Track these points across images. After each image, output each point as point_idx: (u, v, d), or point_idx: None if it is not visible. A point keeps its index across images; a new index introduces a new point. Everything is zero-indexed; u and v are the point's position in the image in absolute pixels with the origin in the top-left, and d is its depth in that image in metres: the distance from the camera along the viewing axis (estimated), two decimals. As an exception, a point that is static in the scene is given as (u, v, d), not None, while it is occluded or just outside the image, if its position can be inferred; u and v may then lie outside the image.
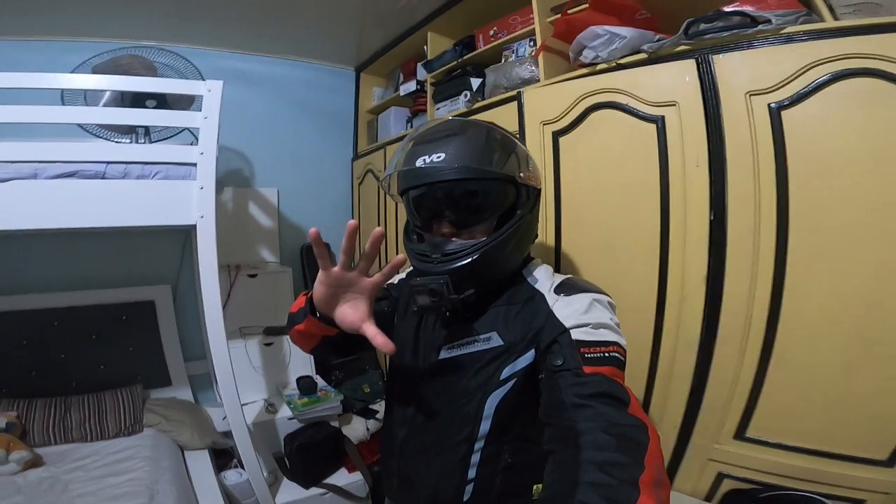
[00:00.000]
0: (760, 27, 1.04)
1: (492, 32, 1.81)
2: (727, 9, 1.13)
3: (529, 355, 0.73)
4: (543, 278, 0.81)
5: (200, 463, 1.81)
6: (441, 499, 0.79)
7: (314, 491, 1.78)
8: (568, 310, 0.72)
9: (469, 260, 0.73)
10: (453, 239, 0.77)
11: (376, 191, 2.41)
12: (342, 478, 1.86)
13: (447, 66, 1.96)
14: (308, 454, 1.77)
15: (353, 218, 2.73)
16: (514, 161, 0.78)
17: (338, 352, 0.87)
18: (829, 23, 1.00)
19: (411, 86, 2.22)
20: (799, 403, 1.05)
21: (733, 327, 1.08)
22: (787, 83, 0.97)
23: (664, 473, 0.54)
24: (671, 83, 1.12)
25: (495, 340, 0.76)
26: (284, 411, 1.96)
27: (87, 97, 1.51)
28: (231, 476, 1.87)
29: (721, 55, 1.06)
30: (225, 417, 2.05)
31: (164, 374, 2.16)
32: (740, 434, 1.13)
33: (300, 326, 0.80)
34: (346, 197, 2.77)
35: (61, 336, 1.96)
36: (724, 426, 1.13)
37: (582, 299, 0.72)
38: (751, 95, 1.01)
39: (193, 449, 1.86)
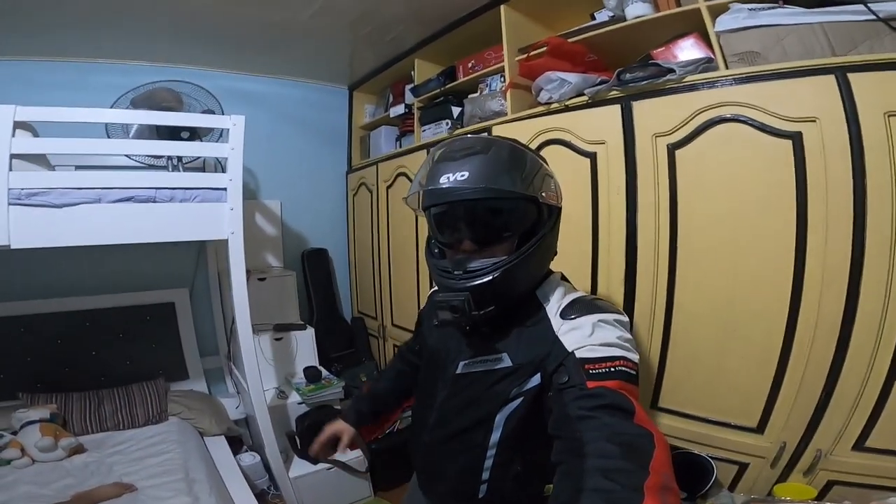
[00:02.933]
0: (668, 77, 1.31)
1: (470, 65, 2.05)
2: (654, 60, 1.39)
3: (536, 378, 0.76)
4: (554, 300, 0.82)
5: (219, 447, 2.04)
6: (461, 491, 0.86)
7: (321, 466, 2.04)
8: (573, 335, 0.73)
9: (490, 278, 0.74)
10: (475, 257, 0.78)
11: (369, 202, 2.66)
12: (344, 454, 2.10)
13: (431, 93, 2.21)
14: (317, 432, 2.02)
15: (346, 227, 3.01)
16: (537, 180, 0.79)
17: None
18: (718, 72, 1.25)
19: (400, 108, 2.48)
20: (688, 377, 1.34)
21: (643, 318, 1.39)
22: (681, 127, 1.27)
23: (673, 481, 0.54)
24: (602, 125, 1.41)
25: (505, 361, 0.79)
26: (294, 397, 2.22)
27: (125, 128, 1.77)
28: (245, 458, 2.12)
29: (638, 102, 1.34)
30: (238, 406, 2.33)
31: (182, 369, 2.41)
32: (654, 404, 1.41)
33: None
34: (341, 208, 3.02)
35: (92, 335, 2.18)
36: (643, 398, 1.40)
37: (586, 323, 0.73)
38: (656, 137, 1.31)
39: (212, 435, 2.09)
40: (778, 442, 1.20)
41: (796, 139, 1.12)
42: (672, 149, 1.29)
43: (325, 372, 2.38)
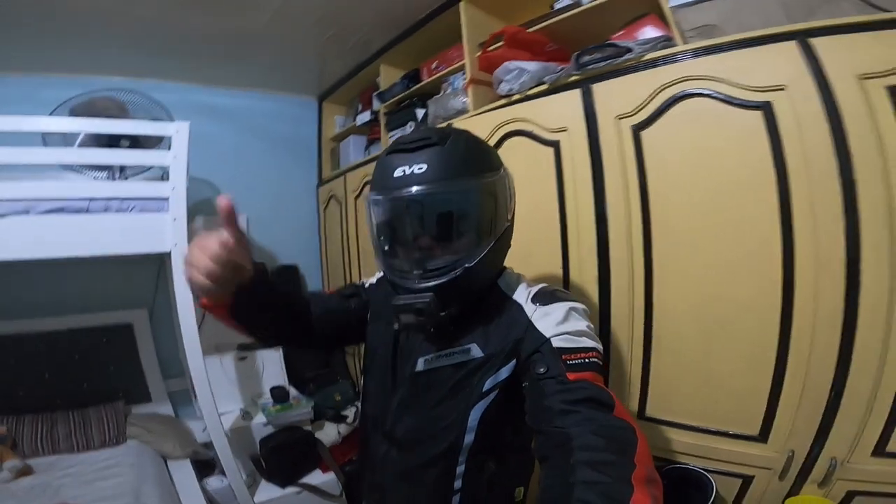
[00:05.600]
0: (627, 56, 1.25)
1: (434, 65, 2.02)
2: (612, 39, 1.35)
3: (510, 366, 0.73)
4: (520, 288, 0.80)
5: (183, 471, 1.92)
6: None
7: (290, 490, 1.92)
8: (547, 319, 0.72)
9: (453, 275, 0.72)
10: (433, 254, 0.74)
11: (339, 215, 2.57)
12: (317, 478, 1.99)
13: (396, 98, 2.16)
14: (282, 455, 1.91)
15: (318, 242, 2.90)
16: (496, 171, 0.78)
17: (259, 307, 0.78)
18: (677, 47, 1.18)
19: (366, 116, 2.43)
20: (675, 384, 1.21)
21: (621, 319, 1.26)
22: (644, 107, 1.18)
23: (655, 472, 0.55)
24: (563, 111, 1.33)
25: (475, 352, 0.75)
26: (260, 418, 2.10)
27: (67, 137, 1.68)
28: (213, 482, 1.99)
29: (598, 84, 1.27)
30: (205, 429, 2.17)
31: (144, 391, 2.28)
32: (641, 415, 1.27)
33: (204, 302, 0.75)
34: (312, 222, 2.93)
35: (47, 357, 2.08)
36: (626, 407, 1.27)
37: (559, 308, 0.72)
38: (619, 118, 1.23)
39: (176, 458, 1.98)
40: (785, 451, 1.05)
41: (766, 109, 1.04)
42: (637, 130, 1.21)
43: (293, 391, 2.25)
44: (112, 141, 1.64)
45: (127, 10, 1.76)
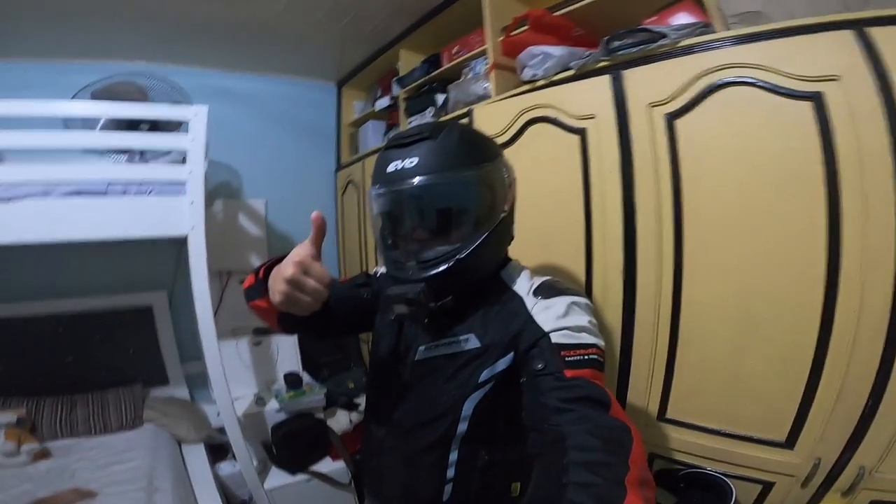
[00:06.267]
0: (661, 42, 1.17)
1: (455, 50, 1.96)
2: (645, 25, 1.27)
3: (508, 358, 0.73)
4: (522, 280, 0.79)
5: (196, 455, 1.95)
6: (420, 498, 0.79)
7: (300, 477, 1.93)
8: (547, 313, 0.71)
9: (445, 267, 0.72)
10: (429, 246, 0.75)
11: (356, 201, 2.56)
12: (327, 465, 2.00)
13: (416, 83, 2.11)
14: (293, 442, 1.92)
15: (335, 227, 2.89)
16: (490, 163, 0.77)
17: (304, 325, 0.83)
18: (717, 34, 1.11)
19: (385, 101, 2.38)
20: (700, 384, 1.16)
21: (646, 313, 1.20)
22: (680, 94, 1.11)
23: (648, 473, 0.54)
24: (591, 98, 1.26)
25: (472, 342, 0.75)
26: (273, 404, 2.11)
27: (87, 122, 1.68)
28: (225, 467, 2.03)
29: (630, 70, 1.20)
30: (220, 413, 2.21)
31: (162, 374, 2.32)
32: (661, 416, 1.23)
33: (261, 303, 0.80)
34: (330, 207, 2.92)
35: (67, 339, 2.11)
36: (647, 408, 1.24)
37: (560, 303, 0.71)
38: (652, 106, 1.15)
39: (190, 443, 2.01)
40: (811, 458, 1.01)
41: (817, 100, 0.95)
42: (671, 118, 1.13)
43: (307, 378, 2.26)
44: (132, 125, 1.63)
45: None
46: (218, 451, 2.12)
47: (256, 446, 1.98)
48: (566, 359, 0.65)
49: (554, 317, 0.70)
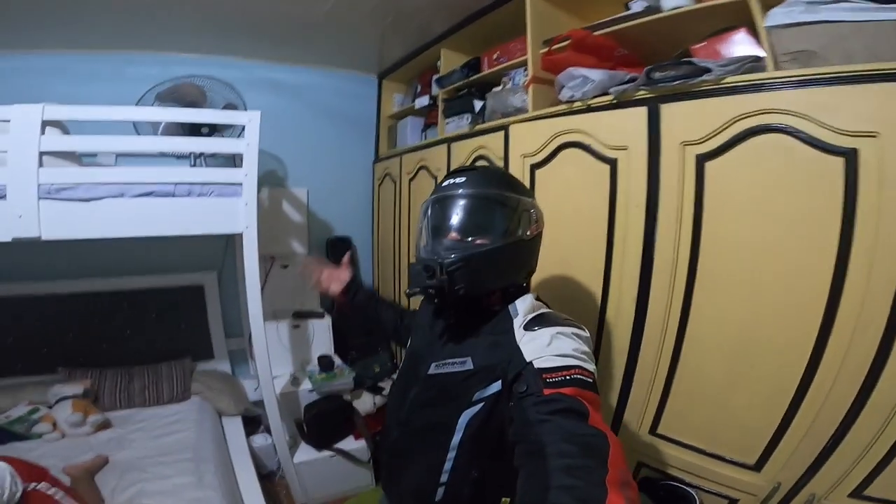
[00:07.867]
0: (704, 77, 1.15)
1: (495, 56, 1.94)
2: (691, 57, 1.25)
3: (497, 385, 0.79)
4: (522, 313, 0.84)
5: (234, 427, 2.15)
6: (420, 490, 0.88)
7: (325, 453, 2.09)
8: (532, 345, 0.75)
9: (458, 255, 0.81)
10: (457, 243, 0.86)
11: (393, 193, 2.64)
12: (349, 444, 2.16)
13: (455, 85, 2.13)
14: (322, 421, 2.09)
15: (372, 216, 3.01)
16: (521, 196, 0.90)
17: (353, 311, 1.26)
18: (762, 74, 1.08)
19: (425, 100, 2.42)
20: (691, 409, 1.26)
21: (652, 339, 1.28)
22: (714, 136, 1.11)
23: (629, 476, 0.56)
24: (626, 128, 1.27)
25: (468, 364, 0.83)
26: (306, 385, 2.28)
27: (154, 124, 1.84)
28: (258, 440, 2.22)
29: (667, 105, 1.19)
30: (257, 388, 2.41)
31: (208, 349, 2.53)
32: (653, 430, 1.34)
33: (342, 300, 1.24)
34: (367, 197, 3.02)
35: (127, 314, 2.33)
36: (642, 422, 1.35)
37: (545, 334, 0.76)
38: (685, 145, 1.16)
39: (229, 415, 2.20)
40: (773, 481, 1.13)
41: (850, 157, 0.95)
42: (701, 160, 1.14)
43: (338, 361, 2.41)
44: (193, 128, 1.77)
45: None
46: (250, 422, 2.31)
47: (289, 423, 2.15)
48: (547, 380, 0.68)
49: (538, 347, 0.74)
